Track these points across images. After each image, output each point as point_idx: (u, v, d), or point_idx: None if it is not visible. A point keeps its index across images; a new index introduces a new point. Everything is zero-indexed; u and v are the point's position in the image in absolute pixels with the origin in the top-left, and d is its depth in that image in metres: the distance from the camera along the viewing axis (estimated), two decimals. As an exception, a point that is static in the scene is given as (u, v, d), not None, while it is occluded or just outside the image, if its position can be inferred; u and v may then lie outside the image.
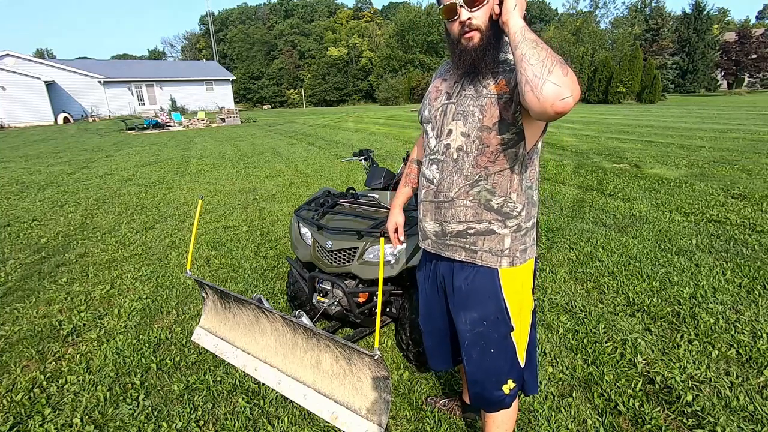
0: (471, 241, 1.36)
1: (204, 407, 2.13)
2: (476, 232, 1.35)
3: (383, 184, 2.56)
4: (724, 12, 59.35)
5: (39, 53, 67.13)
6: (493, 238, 1.35)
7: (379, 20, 64.14)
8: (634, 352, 2.40)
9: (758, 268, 3.33)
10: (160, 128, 20.13)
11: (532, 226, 1.38)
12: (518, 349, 1.45)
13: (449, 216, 1.37)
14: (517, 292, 1.39)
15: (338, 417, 1.89)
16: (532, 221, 1.38)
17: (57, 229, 5.15)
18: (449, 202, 1.36)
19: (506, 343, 1.43)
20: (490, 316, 1.40)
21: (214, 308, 2.53)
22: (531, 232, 1.39)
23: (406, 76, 44.99)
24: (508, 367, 1.46)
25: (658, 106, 26.09)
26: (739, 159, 7.64)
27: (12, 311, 3.16)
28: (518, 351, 1.45)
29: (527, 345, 1.47)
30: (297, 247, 2.54)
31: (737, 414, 1.94)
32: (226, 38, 63.54)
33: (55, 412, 2.14)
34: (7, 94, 25.52)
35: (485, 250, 1.36)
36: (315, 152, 10.62)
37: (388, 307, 2.44)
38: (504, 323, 1.40)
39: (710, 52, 40.29)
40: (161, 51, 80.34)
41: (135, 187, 7.38)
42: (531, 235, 1.39)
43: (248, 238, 4.61)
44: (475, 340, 1.43)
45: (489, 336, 1.42)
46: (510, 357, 1.45)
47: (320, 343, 1.95)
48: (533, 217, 1.38)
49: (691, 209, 4.91)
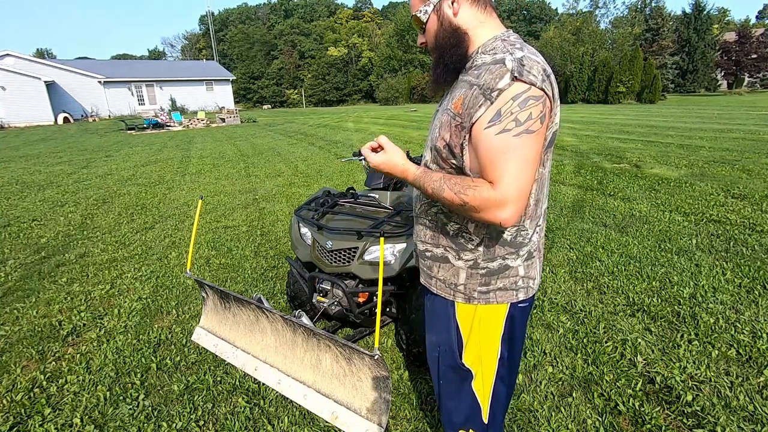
0: (428, 264, 1.25)
1: (204, 407, 2.13)
2: (432, 256, 1.22)
3: (383, 184, 2.56)
4: (724, 12, 59.37)
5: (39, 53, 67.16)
6: (447, 268, 1.19)
7: (379, 20, 64.15)
8: (634, 352, 2.40)
9: (758, 268, 3.33)
10: (160, 128, 20.13)
11: (501, 268, 1.13)
12: (480, 400, 1.27)
13: (416, 232, 1.29)
14: (475, 333, 1.19)
15: (338, 417, 1.89)
16: (500, 263, 1.13)
17: (57, 229, 5.15)
18: (416, 218, 1.28)
19: (462, 385, 1.26)
20: (444, 345, 1.26)
21: (214, 308, 2.53)
22: (500, 275, 1.14)
23: (406, 76, 45.01)
24: (462, 416, 1.29)
25: (658, 106, 26.09)
26: (739, 159, 7.64)
27: (12, 311, 3.16)
28: (480, 402, 1.27)
29: (491, 399, 1.26)
30: (297, 247, 2.54)
31: (737, 414, 1.94)
32: (226, 38, 63.55)
33: (55, 412, 2.14)
34: (7, 94, 25.52)
35: (439, 278, 1.21)
36: (315, 152, 10.62)
37: (388, 307, 2.44)
38: (455, 360, 1.24)
39: (710, 52, 40.28)
40: (161, 51, 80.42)
41: (135, 187, 7.38)
42: (500, 277, 1.14)
43: (248, 238, 4.61)
44: (434, 362, 1.33)
45: (444, 364, 1.28)
46: (465, 404, 1.28)
47: (320, 343, 1.95)
48: (503, 258, 1.13)
49: (691, 209, 4.91)
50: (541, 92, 0.95)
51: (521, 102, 0.94)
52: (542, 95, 0.96)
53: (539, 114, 0.96)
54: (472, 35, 1.08)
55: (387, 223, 2.25)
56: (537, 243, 1.16)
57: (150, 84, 33.62)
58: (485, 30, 1.08)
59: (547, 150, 1.06)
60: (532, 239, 1.13)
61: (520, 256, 1.13)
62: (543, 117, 0.96)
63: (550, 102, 0.98)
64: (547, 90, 0.97)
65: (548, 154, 1.08)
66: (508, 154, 0.95)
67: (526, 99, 0.94)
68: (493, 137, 0.96)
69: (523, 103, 0.94)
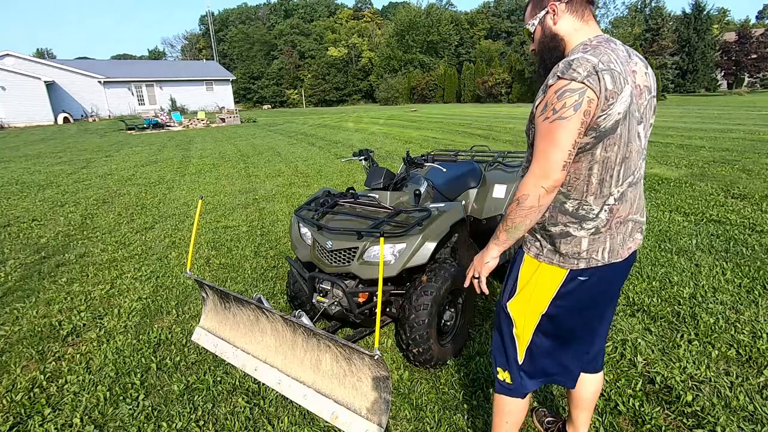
0: None
1: (204, 407, 2.13)
2: None
3: (383, 184, 2.56)
4: (724, 12, 59.35)
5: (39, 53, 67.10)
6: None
7: (379, 20, 64.14)
8: (634, 352, 2.40)
9: (758, 268, 3.33)
10: (160, 128, 20.13)
11: (563, 234, 1.32)
12: (518, 346, 1.47)
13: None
14: (530, 286, 1.40)
15: (338, 417, 1.89)
16: (561, 228, 1.32)
17: (57, 229, 5.15)
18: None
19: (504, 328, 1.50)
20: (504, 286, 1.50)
21: (214, 308, 2.53)
22: (563, 241, 1.32)
23: (406, 76, 44.99)
24: (502, 356, 1.52)
25: (658, 106, 26.06)
26: (739, 159, 7.64)
27: (12, 311, 3.16)
28: (518, 348, 1.47)
29: (527, 348, 1.46)
30: (297, 247, 2.54)
31: (737, 414, 1.94)
32: (226, 38, 63.54)
33: (55, 412, 2.14)
34: (7, 94, 25.52)
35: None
36: (315, 152, 10.62)
37: (388, 307, 2.44)
38: (503, 302, 1.48)
39: (710, 52, 40.26)
40: (161, 51, 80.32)
41: (135, 187, 7.38)
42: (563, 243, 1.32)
43: (248, 238, 4.61)
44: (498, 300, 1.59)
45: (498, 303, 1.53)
46: (503, 342, 1.51)
47: (320, 343, 1.95)
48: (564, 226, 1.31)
49: (691, 209, 4.91)
50: (581, 85, 1.14)
51: (559, 94, 1.16)
52: (581, 87, 1.14)
53: (573, 103, 1.14)
54: (568, 41, 1.31)
55: (387, 223, 2.25)
56: (606, 221, 1.30)
57: (150, 84, 33.62)
58: (579, 35, 1.30)
59: (609, 136, 1.20)
60: (599, 216, 1.29)
61: (583, 228, 1.30)
62: (578, 105, 1.14)
63: (595, 93, 1.14)
64: (589, 83, 1.13)
65: (610, 140, 1.21)
66: (545, 137, 1.19)
67: (563, 92, 1.15)
68: (539, 123, 1.21)
69: (561, 95, 1.16)
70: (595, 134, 1.19)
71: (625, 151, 1.24)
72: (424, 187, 2.68)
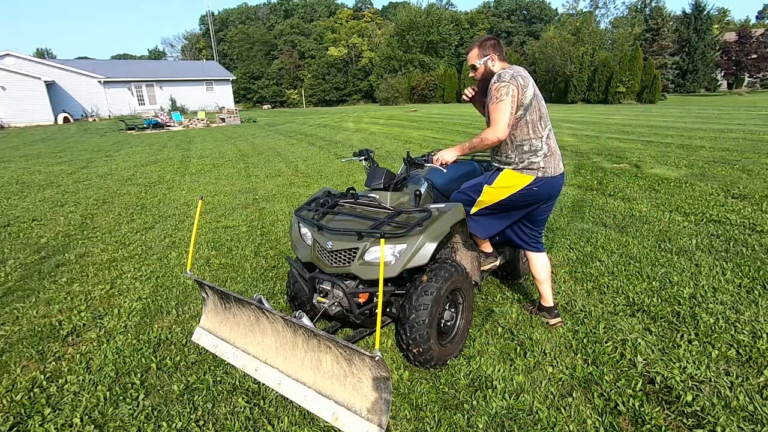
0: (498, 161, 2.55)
1: (204, 407, 2.13)
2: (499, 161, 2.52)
3: (383, 184, 2.56)
4: (724, 12, 59.34)
5: (39, 53, 67.12)
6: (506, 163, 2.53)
7: (379, 20, 64.14)
8: (634, 352, 2.40)
9: (758, 268, 3.33)
10: (160, 128, 20.13)
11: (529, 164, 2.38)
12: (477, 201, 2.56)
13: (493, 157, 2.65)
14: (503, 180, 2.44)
15: (339, 417, 1.89)
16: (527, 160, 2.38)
17: (57, 229, 5.15)
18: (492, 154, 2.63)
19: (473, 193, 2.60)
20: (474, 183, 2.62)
21: (214, 308, 2.53)
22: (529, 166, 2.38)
23: (406, 76, 45.00)
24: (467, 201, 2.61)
25: (658, 106, 26.10)
26: (739, 159, 7.64)
27: (12, 311, 3.16)
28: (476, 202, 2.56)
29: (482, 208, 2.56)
30: (297, 248, 2.54)
31: (737, 414, 1.94)
32: (226, 38, 63.56)
33: (55, 412, 2.14)
34: (7, 94, 25.52)
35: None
36: (315, 152, 10.63)
37: (389, 307, 2.44)
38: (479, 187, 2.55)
39: (710, 52, 40.28)
40: (161, 51, 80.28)
41: (135, 187, 7.38)
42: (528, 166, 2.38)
43: (248, 238, 4.61)
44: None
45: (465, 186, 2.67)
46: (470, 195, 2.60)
47: (320, 344, 1.95)
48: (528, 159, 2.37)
49: (691, 209, 4.92)
50: (507, 83, 2.24)
51: (497, 89, 2.27)
52: (507, 84, 2.24)
53: (506, 92, 2.25)
54: (495, 70, 2.41)
55: (387, 223, 2.25)
56: (549, 148, 2.39)
57: (150, 84, 33.62)
58: (500, 66, 2.42)
59: (529, 108, 2.31)
60: (542, 148, 2.37)
61: (537, 156, 2.37)
62: (507, 93, 2.24)
63: (515, 86, 2.25)
64: (513, 83, 2.25)
65: (531, 109, 2.31)
66: (494, 112, 2.29)
67: (499, 88, 2.26)
68: (491, 106, 2.31)
69: (498, 90, 2.26)
70: (523, 108, 2.30)
71: (540, 114, 2.34)
72: (424, 187, 2.68)
